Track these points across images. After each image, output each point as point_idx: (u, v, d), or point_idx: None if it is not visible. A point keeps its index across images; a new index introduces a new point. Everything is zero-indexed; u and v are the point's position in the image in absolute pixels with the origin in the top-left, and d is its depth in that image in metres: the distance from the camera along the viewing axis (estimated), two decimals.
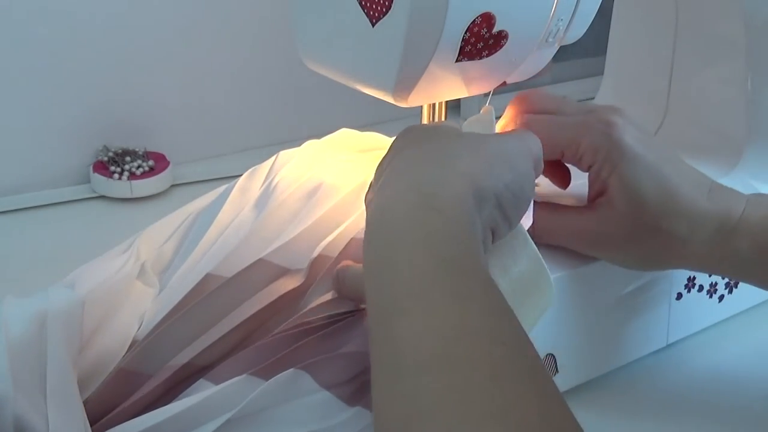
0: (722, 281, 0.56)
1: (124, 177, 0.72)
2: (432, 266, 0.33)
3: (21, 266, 0.62)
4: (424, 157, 0.40)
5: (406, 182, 0.38)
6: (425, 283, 0.33)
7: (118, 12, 0.74)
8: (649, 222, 0.47)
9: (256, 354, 0.42)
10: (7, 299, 0.41)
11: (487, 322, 0.31)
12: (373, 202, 0.39)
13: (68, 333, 0.40)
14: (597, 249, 0.49)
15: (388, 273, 0.34)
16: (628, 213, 0.47)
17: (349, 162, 0.52)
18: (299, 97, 0.86)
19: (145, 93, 0.78)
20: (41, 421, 0.36)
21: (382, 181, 0.41)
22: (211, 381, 0.41)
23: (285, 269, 0.45)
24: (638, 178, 0.46)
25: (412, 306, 0.32)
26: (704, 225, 0.47)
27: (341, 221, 0.47)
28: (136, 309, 0.44)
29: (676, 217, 0.47)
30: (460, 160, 0.39)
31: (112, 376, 0.41)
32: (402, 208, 0.37)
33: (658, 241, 0.47)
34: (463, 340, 0.30)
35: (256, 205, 0.48)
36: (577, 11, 0.46)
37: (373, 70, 0.45)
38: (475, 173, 0.38)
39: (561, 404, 0.29)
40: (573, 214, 0.49)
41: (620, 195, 0.47)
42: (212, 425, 0.39)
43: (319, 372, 0.41)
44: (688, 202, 0.47)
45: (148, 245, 0.49)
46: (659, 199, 0.46)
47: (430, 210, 0.36)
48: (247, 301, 0.44)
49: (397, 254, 0.34)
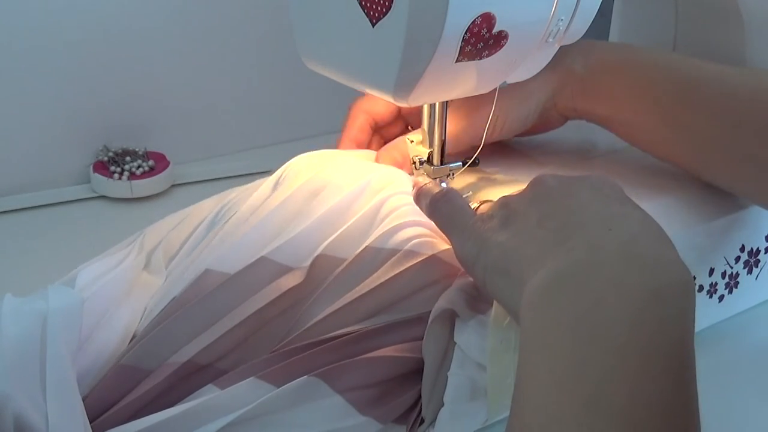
0: (722, 281, 0.56)
1: (124, 177, 0.72)
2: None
3: (21, 266, 0.62)
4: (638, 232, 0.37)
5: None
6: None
7: (118, 12, 0.74)
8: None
9: (267, 364, 0.42)
10: (6, 298, 0.41)
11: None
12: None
13: (68, 331, 0.40)
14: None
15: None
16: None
17: (357, 162, 0.52)
18: (299, 97, 0.86)
19: (145, 93, 0.78)
20: (41, 420, 0.36)
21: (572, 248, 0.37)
22: (218, 387, 0.41)
23: (287, 267, 0.45)
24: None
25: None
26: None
27: (344, 220, 0.47)
28: (139, 302, 0.45)
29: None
30: (670, 245, 0.37)
31: (112, 372, 0.41)
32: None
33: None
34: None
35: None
36: (577, 11, 0.46)
37: (373, 70, 0.45)
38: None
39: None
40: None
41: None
42: (215, 425, 0.39)
43: (336, 378, 0.41)
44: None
45: (153, 235, 0.49)
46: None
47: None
48: (248, 299, 0.44)
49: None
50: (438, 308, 0.43)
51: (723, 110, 0.50)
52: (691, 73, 0.52)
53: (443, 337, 0.43)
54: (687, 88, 0.52)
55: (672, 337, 0.32)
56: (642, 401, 0.30)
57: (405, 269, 0.45)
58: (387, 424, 0.43)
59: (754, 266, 0.58)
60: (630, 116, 0.55)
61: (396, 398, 0.43)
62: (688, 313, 0.34)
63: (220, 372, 0.43)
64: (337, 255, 0.46)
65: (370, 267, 0.45)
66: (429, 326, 0.43)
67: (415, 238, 0.46)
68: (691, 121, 0.52)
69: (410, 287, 0.45)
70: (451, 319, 0.44)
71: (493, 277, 0.40)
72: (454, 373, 0.43)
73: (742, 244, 0.56)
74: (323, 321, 0.43)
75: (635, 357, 0.31)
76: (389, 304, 0.44)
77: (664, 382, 0.31)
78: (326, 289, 0.45)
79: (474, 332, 0.43)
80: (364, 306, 0.44)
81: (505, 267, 0.39)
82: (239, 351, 0.43)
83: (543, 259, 0.37)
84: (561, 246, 0.37)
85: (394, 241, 0.46)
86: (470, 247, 0.42)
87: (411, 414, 0.44)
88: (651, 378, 0.31)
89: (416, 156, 0.54)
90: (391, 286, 0.44)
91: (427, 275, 0.45)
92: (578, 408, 0.31)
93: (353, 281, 0.45)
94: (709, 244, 0.54)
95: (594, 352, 0.32)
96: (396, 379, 0.44)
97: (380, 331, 0.43)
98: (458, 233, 0.43)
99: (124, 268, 0.46)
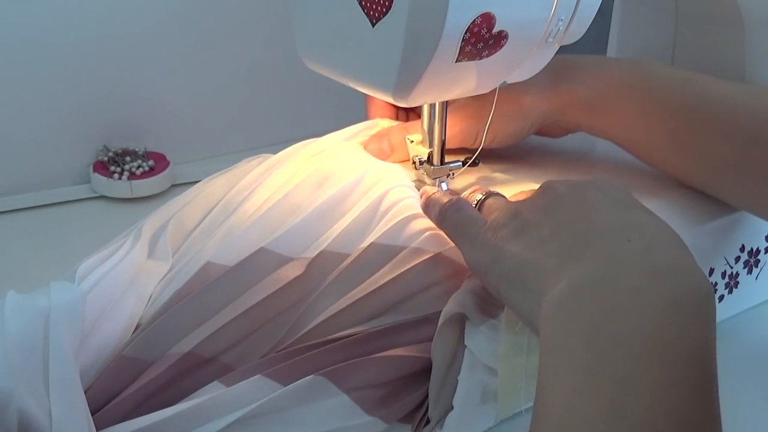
0: (722, 281, 0.56)
1: (124, 177, 0.72)
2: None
3: (21, 266, 0.62)
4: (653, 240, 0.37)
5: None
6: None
7: (119, 12, 0.74)
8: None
9: (274, 362, 0.42)
10: (9, 295, 0.41)
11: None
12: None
13: (71, 327, 0.40)
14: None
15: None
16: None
17: (358, 156, 0.52)
18: (299, 97, 0.86)
19: (145, 93, 0.78)
20: (44, 416, 0.36)
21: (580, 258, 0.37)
22: (224, 384, 0.41)
23: (287, 258, 0.45)
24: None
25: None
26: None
27: (341, 211, 0.47)
28: (145, 289, 0.45)
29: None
30: (687, 252, 0.37)
31: (114, 363, 0.41)
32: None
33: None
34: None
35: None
36: (577, 11, 0.46)
37: (373, 70, 0.45)
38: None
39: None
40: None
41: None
42: (221, 422, 0.39)
43: (343, 377, 0.41)
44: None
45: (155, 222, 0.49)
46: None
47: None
48: (249, 290, 0.44)
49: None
50: (448, 311, 0.43)
51: (735, 129, 0.50)
52: (702, 92, 0.52)
53: (453, 340, 0.43)
54: (698, 107, 0.52)
55: (692, 346, 0.32)
56: (662, 411, 0.30)
57: (411, 267, 0.45)
58: (393, 424, 0.43)
59: (754, 266, 0.58)
60: (640, 135, 0.55)
61: (402, 398, 0.43)
62: (708, 321, 0.34)
63: (224, 366, 0.43)
64: (339, 250, 0.46)
65: (377, 263, 0.45)
66: (439, 329, 0.43)
67: (426, 231, 0.46)
68: (703, 141, 0.52)
69: (416, 286, 0.45)
70: (461, 322, 0.43)
71: (508, 288, 0.40)
72: (464, 377, 0.43)
73: (742, 244, 0.56)
74: (329, 319, 0.43)
75: (655, 366, 0.31)
76: (395, 303, 0.44)
77: (684, 391, 0.31)
78: (330, 285, 0.45)
79: (485, 337, 0.43)
80: (371, 304, 0.44)
81: (521, 278, 0.39)
82: (243, 345, 0.43)
83: (561, 271, 0.37)
84: (578, 257, 0.37)
85: (405, 235, 0.46)
86: (483, 257, 0.42)
87: (416, 414, 0.44)
88: (671, 387, 0.31)
89: (416, 156, 0.54)
90: (397, 284, 0.44)
91: (433, 274, 0.45)
92: (598, 418, 0.31)
93: (358, 278, 0.45)
94: (709, 244, 0.54)
95: (613, 362, 0.32)
96: (403, 380, 0.44)
97: (388, 332, 0.43)
98: (469, 243, 0.43)
99: (126, 260, 0.46)
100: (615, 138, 0.56)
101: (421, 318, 0.44)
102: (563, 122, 0.56)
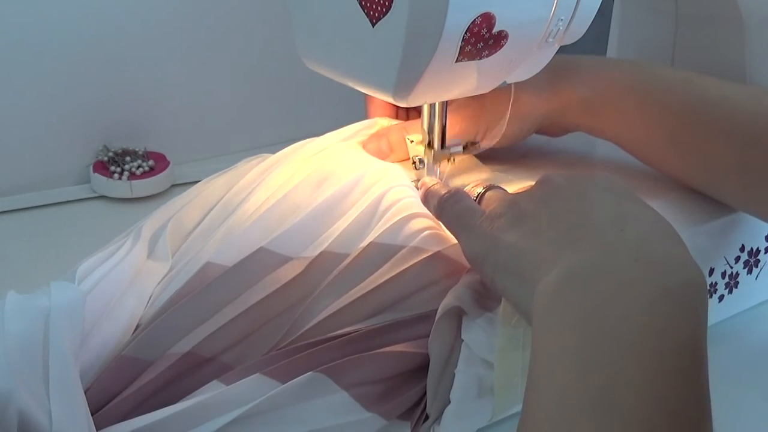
0: (722, 281, 0.56)
1: (124, 177, 0.72)
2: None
3: (21, 266, 0.62)
4: (648, 231, 0.37)
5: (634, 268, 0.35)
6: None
7: (119, 12, 0.74)
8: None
9: (272, 361, 0.42)
10: (9, 295, 0.41)
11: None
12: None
13: (71, 327, 0.40)
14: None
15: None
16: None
17: (358, 156, 0.52)
18: (299, 97, 0.86)
19: (145, 93, 0.78)
20: (44, 417, 0.37)
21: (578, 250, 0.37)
22: (223, 383, 0.41)
23: (286, 257, 0.45)
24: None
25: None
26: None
27: (340, 211, 0.47)
28: (144, 289, 0.45)
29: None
30: (681, 245, 0.37)
31: (114, 363, 0.41)
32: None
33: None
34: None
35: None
36: (577, 11, 0.46)
37: (373, 70, 0.45)
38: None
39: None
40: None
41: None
42: (220, 421, 0.39)
43: (342, 374, 0.41)
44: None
45: (154, 222, 0.49)
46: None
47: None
48: (248, 290, 0.44)
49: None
50: (445, 305, 0.43)
51: (735, 131, 0.50)
52: (702, 93, 0.52)
53: (450, 334, 0.43)
54: (698, 108, 0.52)
55: (683, 336, 0.32)
56: (653, 400, 0.30)
57: (410, 266, 0.45)
58: (392, 420, 0.43)
59: (754, 266, 0.58)
60: (639, 136, 0.55)
61: (402, 394, 0.44)
62: (700, 313, 0.34)
63: (224, 366, 0.43)
64: (338, 250, 0.46)
65: (376, 262, 0.45)
66: (436, 323, 0.43)
67: (425, 230, 0.46)
68: (703, 142, 0.52)
69: (415, 285, 0.45)
70: (458, 316, 0.44)
71: (502, 277, 0.40)
72: (461, 371, 0.43)
73: (742, 244, 0.56)
74: (328, 318, 0.43)
75: (646, 356, 0.31)
76: (394, 302, 0.44)
77: (675, 381, 0.31)
78: (330, 285, 0.45)
79: (481, 330, 0.43)
80: (370, 303, 0.44)
81: (515, 267, 0.39)
82: (243, 345, 0.43)
83: (554, 260, 0.37)
84: (572, 247, 0.37)
85: (404, 234, 0.46)
86: (479, 247, 0.42)
87: (415, 410, 0.44)
88: (662, 377, 0.31)
89: (416, 156, 0.54)
90: (396, 282, 0.44)
91: (432, 273, 0.45)
92: (589, 407, 0.31)
93: (357, 277, 0.45)
94: (709, 244, 0.54)
95: (604, 351, 0.32)
96: (401, 376, 0.44)
97: (386, 329, 0.44)
98: (467, 233, 0.43)
99: (126, 260, 0.46)
100: (614, 138, 0.56)
101: (420, 315, 0.44)
102: (563, 122, 0.56)
